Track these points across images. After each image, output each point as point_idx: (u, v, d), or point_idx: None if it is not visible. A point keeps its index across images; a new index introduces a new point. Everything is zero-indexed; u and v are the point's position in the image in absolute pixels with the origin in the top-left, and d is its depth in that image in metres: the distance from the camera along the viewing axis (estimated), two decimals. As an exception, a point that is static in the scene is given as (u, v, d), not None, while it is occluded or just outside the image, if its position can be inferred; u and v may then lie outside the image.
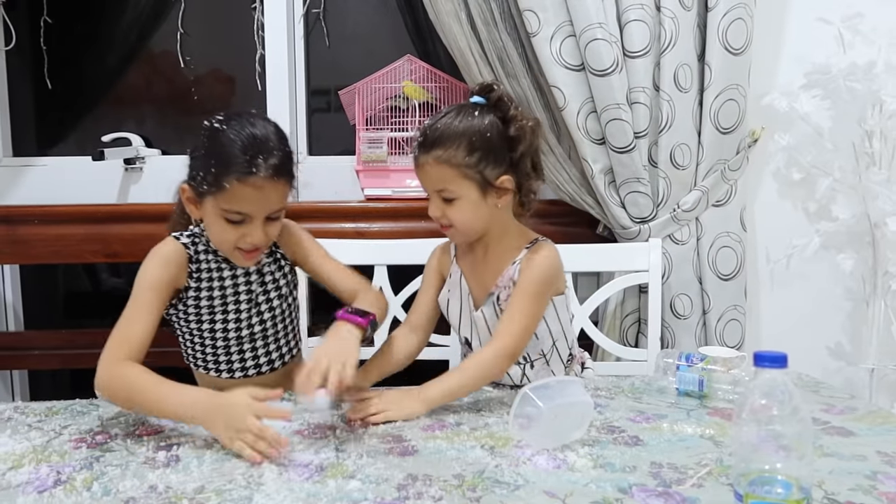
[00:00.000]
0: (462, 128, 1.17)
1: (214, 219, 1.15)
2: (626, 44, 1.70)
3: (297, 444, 1.00)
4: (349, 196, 2.03)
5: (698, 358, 1.24)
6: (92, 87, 2.23)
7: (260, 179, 1.10)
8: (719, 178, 1.78)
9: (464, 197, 1.19)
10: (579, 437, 1.01)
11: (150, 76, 2.22)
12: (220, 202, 1.12)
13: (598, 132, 1.75)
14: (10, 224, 1.91)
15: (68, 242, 1.91)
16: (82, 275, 2.33)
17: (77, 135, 2.22)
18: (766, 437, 0.74)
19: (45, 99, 2.19)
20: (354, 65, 2.10)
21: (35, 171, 2.12)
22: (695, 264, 1.82)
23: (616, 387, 1.28)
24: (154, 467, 0.93)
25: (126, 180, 2.09)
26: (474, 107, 1.21)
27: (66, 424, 1.09)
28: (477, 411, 1.14)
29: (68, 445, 1.01)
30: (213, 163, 1.11)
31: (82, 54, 2.19)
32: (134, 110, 2.21)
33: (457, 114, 1.20)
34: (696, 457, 0.96)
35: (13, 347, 2.03)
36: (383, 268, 1.73)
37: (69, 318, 2.36)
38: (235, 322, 1.26)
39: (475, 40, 1.75)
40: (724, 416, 1.12)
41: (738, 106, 1.74)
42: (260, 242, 1.16)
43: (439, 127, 1.18)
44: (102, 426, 1.09)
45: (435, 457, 0.96)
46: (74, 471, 0.92)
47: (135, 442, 1.02)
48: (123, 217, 1.89)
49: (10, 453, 0.98)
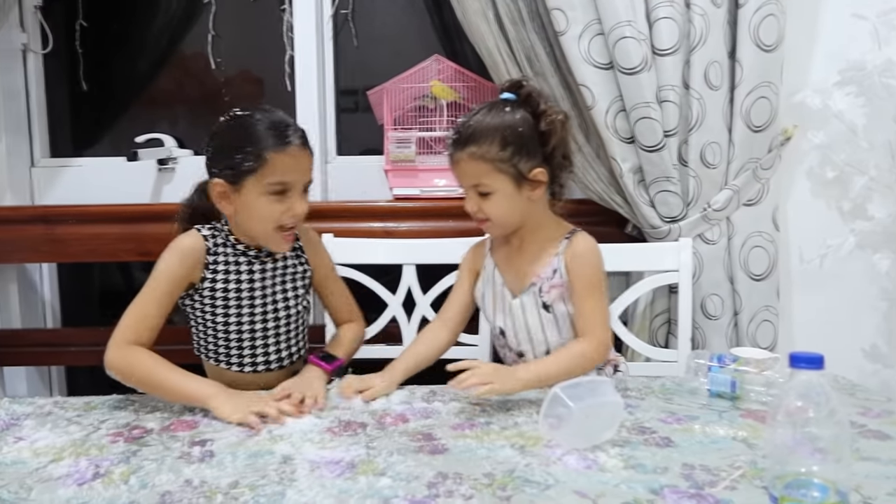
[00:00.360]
0: (495, 123, 1.21)
1: (257, 199, 1.21)
2: (655, 42, 1.69)
3: (328, 442, 1.01)
4: (377, 196, 2.04)
5: (730, 359, 1.22)
6: (126, 89, 2.27)
7: (295, 148, 1.21)
8: (751, 176, 1.76)
9: (499, 191, 1.22)
10: (610, 438, 1.01)
11: (182, 78, 2.25)
12: (262, 178, 1.19)
13: (627, 131, 1.74)
14: (48, 223, 1.96)
15: (103, 241, 1.95)
16: (117, 273, 2.38)
17: (112, 136, 2.26)
18: (801, 439, 0.73)
19: (80, 101, 2.24)
20: (382, 65, 2.11)
21: (71, 172, 2.17)
22: (726, 264, 1.80)
23: (646, 387, 1.27)
24: (189, 462, 0.95)
25: (159, 180, 2.12)
26: (505, 103, 1.24)
27: (104, 419, 1.12)
28: (507, 410, 1.15)
29: (106, 439, 1.03)
30: (248, 142, 1.19)
31: (116, 57, 2.23)
32: (166, 111, 2.25)
33: (489, 110, 1.23)
34: (729, 459, 0.95)
35: (52, 344, 2.08)
36: (412, 267, 1.73)
37: (105, 315, 2.40)
38: (249, 316, 1.29)
39: (503, 39, 1.75)
40: (758, 418, 1.10)
41: (771, 104, 1.72)
42: (302, 213, 1.24)
43: (472, 124, 1.22)
44: (139, 421, 1.11)
45: (465, 455, 0.96)
46: (112, 464, 0.94)
47: (170, 437, 1.04)
48: (157, 216, 1.91)
49: (50, 446, 1.01)
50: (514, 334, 1.32)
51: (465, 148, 1.22)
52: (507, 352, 1.36)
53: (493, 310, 1.34)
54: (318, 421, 1.09)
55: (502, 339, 1.35)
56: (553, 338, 1.30)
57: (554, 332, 1.30)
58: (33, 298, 2.21)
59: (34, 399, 1.21)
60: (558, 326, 1.29)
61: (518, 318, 1.31)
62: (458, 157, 1.23)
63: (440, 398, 1.21)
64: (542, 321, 1.29)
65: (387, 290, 1.74)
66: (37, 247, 1.97)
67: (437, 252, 1.72)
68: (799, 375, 0.74)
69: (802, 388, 0.74)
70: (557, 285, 1.27)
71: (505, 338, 1.34)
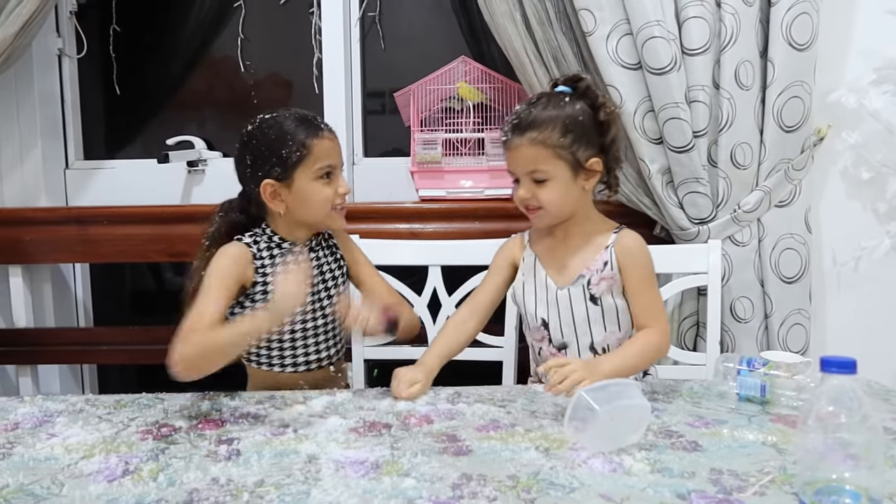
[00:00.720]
0: (556, 112, 1.24)
1: (309, 185, 1.28)
2: (684, 41, 1.67)
3: (353, 442, 1.02)
4: (404, 197, 2.05)
5: (760, 362, 1.20)
6: (157, 93, 2.30)
7: (328, 133, 1.30)
8: (783, 177, 1.73)
9: (556, 177, 1.25)
10: (636, 441, 1.00)
11: (212, 81, 2.29)
12: (311, 164, 1.27)
13: (656, 131, 1.72)
14: (81, 224, 2.00)
15: (135, 242, 1.99)
16: (147, 274, 2.42)
17: (143, 138, 2.30)
18: (833, 445, 0.71)
19: (113, 104, 2.28)
20: (409, 67, 2.12)
21: (104, 174, 2.21)
22: (756, 266, 1.77)
23: (674, 391, 1.26)
24: (216, 460, 0.96)
25: (189, 182, 2.15)
26: (562, 95, 1.27)
27: (134, 417, 1.14)
28: (531, 412, 1.14)
29: (135, 437, 1.05)
30: (288, 139, 1.26)
31: (148, 61, 2.27)
32: (196, 114, 2.28)
33: (548, 100, 1.26)
34: (758, 464, 0.93)
35: (84, 343, 2.12)
36: (437, 268, 1.73)
37: (135, 315, 2.45)
38: (301, 314, 1.32)
39: (530, 40, 1.74)
40: (788, 424, 1.08)
41: (803, 103, 1.69)
42: (348, 189, 1.33)
43: (533, 111, 1.25)
44: (167, 419, 1.12)
45: (489, 457, 0.96)
46: (142, 461, 0.96)
47: (197, 435, 1.05)
48: (187, 217, 1.94)
49: (82, 443, 1.03)
50: (558, 326, 1.32)
51: (525, 133, 1.23)
52: (546, 344, 1.35)
53: (535, 301, 1.34)
54: (343, 421, 1.10)
55: (543, 331, 1.34)
56: (598, 331, 1.31)
57: (599, 325, 1.31)
58: (67, 298, 2.26)
59: (67, 396, 1.24)
60: (604, 319, 1.30)
61: (564, 310, 1.31)
62: (517, 142, 1.25)
63: (465, 399, 1.20)
64: (588, 313, 1.30)
65: (413, 291, 1.74)
66: (70, 247, 2.01)
67: (462, 253, 1.72)
68: (830, 380, 0.73)
69: (834, 393, 0.72)
70: (607, 277, 1.29)
71: (547, 330, 1.33)
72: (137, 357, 2.09)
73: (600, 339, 1.31)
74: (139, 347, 2.06)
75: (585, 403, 0.98)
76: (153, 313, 2.45)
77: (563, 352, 1.33)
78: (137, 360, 2.11)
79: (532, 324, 1.36)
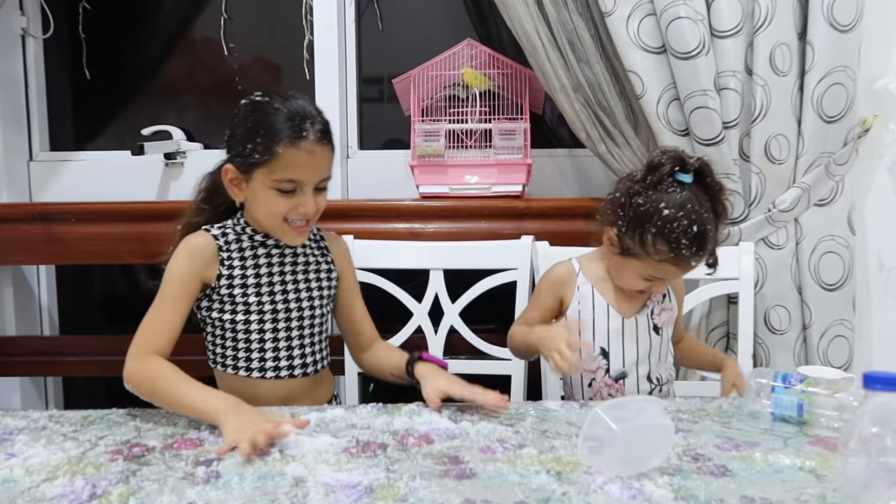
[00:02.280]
0: (712, 228, 1.30)
1: (264, 192, 1.25)
2: (713, 22, 1.67)
3: (345, 463, 1.02)
4: (403, 193, 2.05)
5: (797, 379, 1.20)
6: (131, 78, 2.32)
7: (310, 143, 1.22)
8: (823, 173, 1.73)
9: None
10: (658, 465, 0.99)
11: (192, 65, 2.29)
12: (271, 172, 1.22)
13: (682, 122, 1.72)
14: (46, 222, 2.00)
15: (106, 242, 1.98)
16: (119, 277, 2.42)
17: (116, 128, 2.31)
18: (877, 470, 0.71)
19: (83, 90, 2.29)
20: (409, 50, 2.13)
21: (72, 167, 2.22)
22: (793, 272, 1.77)
23: (700, 409, 1.26)
24: (193, 483, 0.96)
25: (166, 176, 2.16)
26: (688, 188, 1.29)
27: (102, 435, 1.14)
28: (542, 432, 1.14)
29: (104, 457, 1.05)
30: (261, 132, 1.22)
31: (121, 42, 2.28)
32: (175, 101, 2.29)
33: (701, 208, 1.28)
34: (795, 492, 0.93)
35: (48, 353, 2.12)
36: (439, 272, 1.74)
37: (106, 322, 2.45)
38: (272, 314, 1.32)
39: (543, 22, 1.75)
40: (828, 447, 1.08)
41: (846, 91, 1.69)
42: (311, 212, 1.27)
43: (707, 228, 1.28)
44: (139, 438, 1.12)
45: (495, 481, 0.96)
46: (110, 484, 0.96)
47: (173, 455, 1.05)
48: (164, 215, 1.94)
49: (44, 464, 1.03)
50: (619, 356, 1.40)
51: (700, 256, 1.30)
52: (602, 374, 1.40)
53: (593, 331, 1.40)
54: (335, 440, 1.10)
55: (601, 360, 1.40)
56: (655, 360, 1.42)
57: (657, 355, 1.42)
58: (29, 303, 2.26)
59: (28, 412, 1.24)
60: (661, 350, 1.42)
61: (628, 340, 1.40)
62: (693, 263, 1.32)
63: (468, 417, 1.20)
64: (651, 343, 1.41)
65: (412, 297, 1.74)
66: (34, 247, 2.01)
67: (467, 256, 1.72)
68: (874, 398, 0.72)
69: (878, 413, 0.72)
70: (668, 308, 1.43)
71: (607, 360, 1.40)
72: (107, 369, 2.06)
73: (655, 368, 1.42)
74: (109, 358, 2.02)
75: (602, 422, 0.98)
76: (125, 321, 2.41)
77: (622, 382, 1.40)
78: (107, 372, 2.09)
79: (586, 355, 1.39)
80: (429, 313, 1.74)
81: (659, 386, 1.43)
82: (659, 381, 1.42)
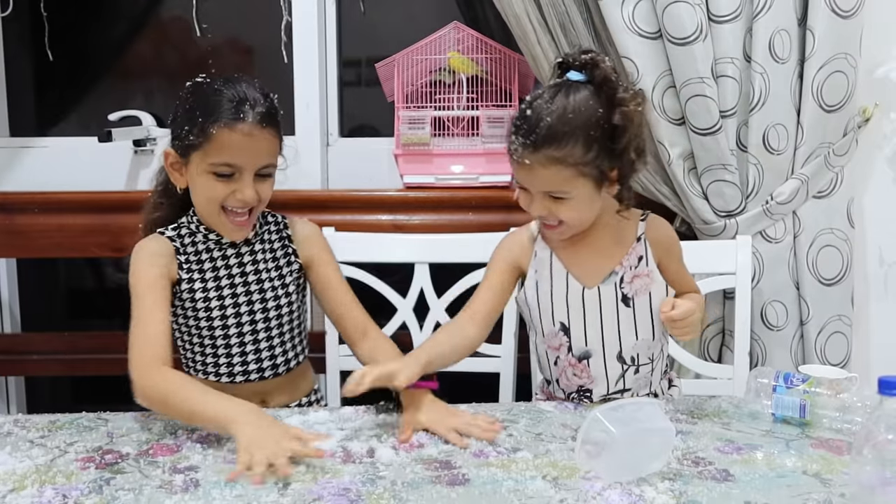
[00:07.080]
0: (577, 120, 1.16)
1: (201, 177, 1.24)
2: (711, 6, 1.67)
3: (331, 469, 1.01)
4: (386, 184, 2.04)
5: (799, 379, 1.21)
6: (97, 59, 2.28)
7: (248, 126, 1.21)
8: (822, 164, 1.74)
9: (578, 195, 1.20)
10: (658, 470, 1.00)
11: (162, 46, 2.26)
12: (207, 155, 1.22)
13: (677, 111, 1.72)
14: (6, 213, 1.97)
15: (71, 234, 1.96)
16: (86, 270, 2.39)
17: (80, 112, 2.28)
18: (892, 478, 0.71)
19: (45, 72, 2.25)
20: (393, 33, 2.11)
21: (34, 154, 2.18)
22: (791, 266, 1.78)
23: (699, 409, 1.26)
24: (171, 492, 0.95)
25: (135, 164, 2.13)
26: (577, 86, 1.18)
27: (72, 441, 1.12)
28: (536, 435, 1.14)
29: (75, 465, 1.03)
30: (198, 113, 1.21)
31: (87, 22, 2.24)
32: (143, 84, 2.26)
33: (564, 98, 1.17)
34: (800, 497, 0.93)
35: (9, 351, 2.09)
36: (425, 266, 1.73)
37: (72, 318, 2.42)
38: (235, 317, 1.31)
39: (533, 4, 1.73)
40: (832, 449, 1.08)
41: (847, 79, 1.69)
42: (249, 199, 1.24)
43: (549, 120, 1.16)
44: (112, 444, 1.11)
45: (489, 488, 0.96)
46: (82, 494, 0.94)
47: (148, 463, 1.04)
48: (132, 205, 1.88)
49: (10, 473, 1.01)
50: (581, 332, 1.29)
51: (541, 150, 1.16)
52: (564, 354, 1.31)
53: (551, 304, 1.30)
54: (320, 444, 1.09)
55: (562, 338, 1.31)
56: (628, 337, 1.29)
57: (630, 331, 1.28)
58: (-10, 299, 2.23)
59: (-9, 416, 1.22)
60: (636, 324, 1.28)
61: (591, 313, 1.28)
62: (533, 160, 1.17)
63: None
64: (618, 317, 1.28)
65: (396, 292, 1.73)
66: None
67: (453, 249, 1.71)
68: (889, 403, 0.73)
69: (893, 419, 0.72)
70: (643, 274, 1.28)
71: (568, 336, 1.30)
72: (74, 368, 2.06)
73: (630, 346, 1.29)
74: (76, 356, 2.03)
75: (601, 425, 0.98)
76: (91, 316, 2.43)
77: (586, 362, 1.30)
78: (74, 371, 2.09)
79: (547, 330, 1.32)
80: (414, 309, 1.73)
81: (635, 367, 1.30)
82: (635, 362, 1.29)
